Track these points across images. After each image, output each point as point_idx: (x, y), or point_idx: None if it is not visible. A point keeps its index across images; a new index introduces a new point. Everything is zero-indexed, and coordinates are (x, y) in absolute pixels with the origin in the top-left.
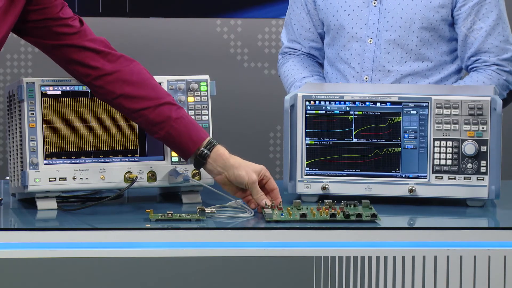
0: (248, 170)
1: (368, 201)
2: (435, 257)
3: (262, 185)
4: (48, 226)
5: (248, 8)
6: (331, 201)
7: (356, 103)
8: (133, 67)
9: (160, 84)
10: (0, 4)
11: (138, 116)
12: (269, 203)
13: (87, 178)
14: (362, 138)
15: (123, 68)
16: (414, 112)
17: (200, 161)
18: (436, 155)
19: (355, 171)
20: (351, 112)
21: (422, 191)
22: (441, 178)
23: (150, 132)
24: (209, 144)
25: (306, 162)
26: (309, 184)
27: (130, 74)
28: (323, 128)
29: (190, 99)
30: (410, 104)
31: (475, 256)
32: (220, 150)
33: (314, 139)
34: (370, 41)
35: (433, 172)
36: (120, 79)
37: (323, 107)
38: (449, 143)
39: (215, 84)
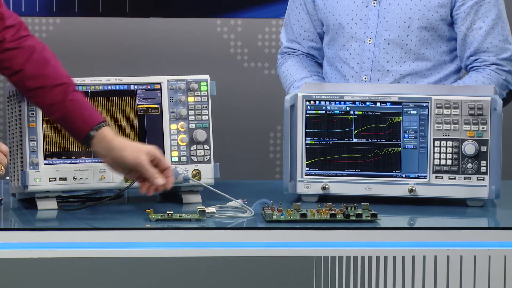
0: (134, 151)
1: (368, 203)
2: (435, 257)
3: (154, 165)
4: (48, 226)
5: (248, 8)
6: (330, 203)
7: (356, 103)
8: (37, 46)
9: (160, 84)
10: None
11: (35, 95)
12: (162, 182)
13: (87, 178)
14: (362, 138)
15: (25, 45)
16: (414, 112)
17: (87, 142)
18: (436, 155)
19: (355, 171)
20: (351, 112)
21: (422, 191)
22: (441, 178)
23: (46, 113)
24: (98, 126)
25: (306, 162)
26: (309, 184)
27: (31, 53)
28: (323, 128)
29: (190, 99)
30: (410, 104)
31: (475, 256)
32: (105, 131)
33: (314, 139)
34: (369, 41)
35: (433, 172)
36: (21, 56)
37: (323, 107)
38: (449, 143)
39: (215, 84)
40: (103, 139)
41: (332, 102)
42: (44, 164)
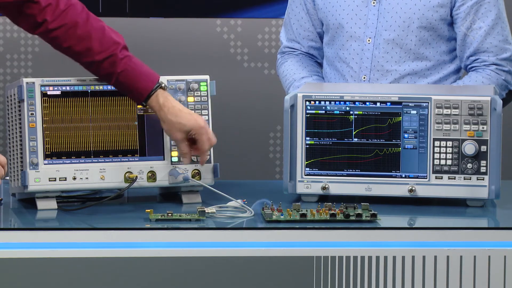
0: (189, 117)
1: (368, 203)
2: (435, 257)
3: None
4: (48, 226)
5: (248, 8)
6: (330, 203)
7: (356, 103)
8: (78, 18)
9: None
10: None
11: (89, 68)
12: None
13: (87, 178)
14: (362, 138)
15: (68, 22)
16: (414, 112)
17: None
18: (436, 155)
19: (355, 171)
20: (351, 112)
21: (422, 191)
22: (441, 178)
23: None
24: (148, 96)
25: (306, 162)
26: (309, 184)
27: (75, 28)
28: (323, 128)
29: (190, 99)
30: (410, 104)
31: (475, 256)
32: (153, 102)
33: (314, 139)
34: (369, 40)
35: (433, 172)
36: (66, 35)
37: (323, 107)
38: (449, 143)
39: (215, 84)
40: (154, 108)
41: (332, 102)
42: (44, 164)
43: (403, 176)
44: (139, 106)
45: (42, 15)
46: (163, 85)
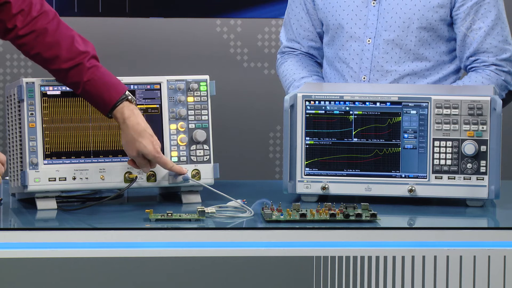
0: (150, 141)
1: (367, 203)
2: (435, 257)
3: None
4: (48, 226)
5: (248, 8)
6: (330, 203)
7: (356, 103)
8: (49, 26)
9: (160, 84)
10: None
11: (55, 75)
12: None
13: (87, 178)
14: (362, 138)
15: (37, 28)
16: (414, 112)
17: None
18: (436, 155)
19: (355, 171)
20: (351, 112)
21: (422, 191)
22: (441, 178)
23: (71, 88)
24: (114, 107)
25: (306, 162)
26: (309, 184)
27: (44, 36)
28: (323, 128)
29: (190, 99)
30: (410, 104)
31: (475, 256)
32: (118, 113)
33: (314, 139)
34: (369, 41)
35: (433, 172)
36: (35, 41)
37: (323, 107)
38: (449, 143)
39: (215, 84)
40: (118, 120)
41: (331, 102)
42: (44, 164)
43: (403, 176)
44: (139, 106)
45: (12, 21)
46: (130, 97)
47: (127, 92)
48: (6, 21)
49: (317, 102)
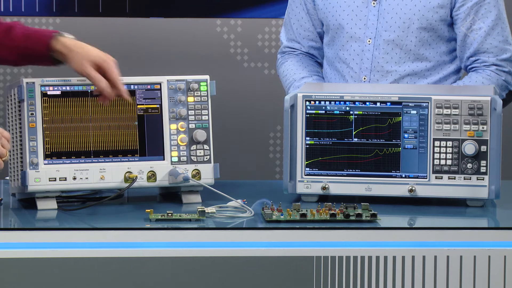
0: (79, 59)
1: (368, 203)
2: (435, 257)
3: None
4: (48, 226)
5: (248, 8)
6: (330, 203)
7: (356, 103)
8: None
9: (160, 84)
10: None
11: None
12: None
13: (87, 178)
14: (362, 138)
15: None
16: (414, 112)
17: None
18: (436, 155)
19: (355, 171)
20: (351, 112)
21: (422, 191)
22: (441, 178)
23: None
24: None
25: (306, 162)
26: (309, 184)
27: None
28: (323, 128)
29: (190, 99)
30: (410, 104)
31: (475, 256)
32: (58, 45)
33: (314, 139)
34: (369, 41)
35: (433, 172)
36: None
37: (323, 107)
38: (449, 143)
39: (215, 84)
40: (62, 51)
41: (332, 102)
42: (44, 164)
43: (403, 176)
44: (139, 106)
45: None
46: (65, 34)
47: (59, 33)
48: None
49: (317, 102)
